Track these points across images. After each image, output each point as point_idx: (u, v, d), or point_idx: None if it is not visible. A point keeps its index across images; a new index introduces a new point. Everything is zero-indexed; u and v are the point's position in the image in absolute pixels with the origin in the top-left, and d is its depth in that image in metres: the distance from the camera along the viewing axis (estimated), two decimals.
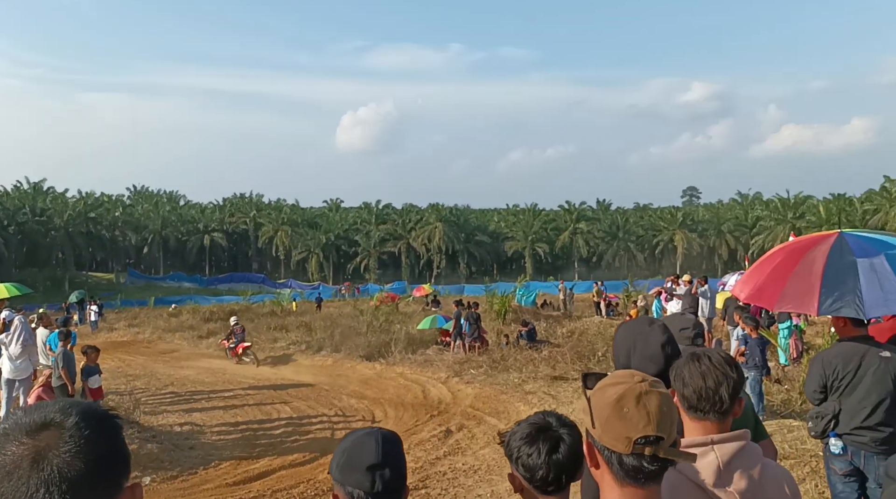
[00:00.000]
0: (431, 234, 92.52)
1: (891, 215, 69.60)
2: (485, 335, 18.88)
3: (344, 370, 18.59)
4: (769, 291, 3.94)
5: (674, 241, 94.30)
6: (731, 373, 1.91)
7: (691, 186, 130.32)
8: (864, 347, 3.88)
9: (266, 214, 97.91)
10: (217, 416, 13.46)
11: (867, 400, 3.80)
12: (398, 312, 31.99)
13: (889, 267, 3.66)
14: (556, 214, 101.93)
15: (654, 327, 2.44)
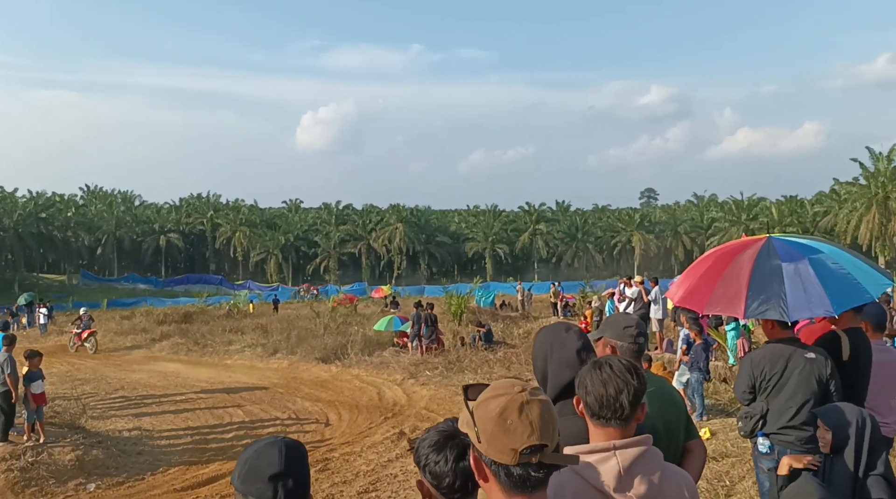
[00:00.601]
0: (392, 234, 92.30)
1: (840, 217, 71.46)
2: (441, 337, 18.91)
3: (299, 373, 18.44)
4: (699, 295, 4.03)
5: (632, 242, 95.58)
6: (631, 380, 1.95)
7: (649, 187, 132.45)
8: (791, 349, 3.99)
9: (224, 214, 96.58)
10: (167, 420, 13.24)
11: (793, 400, 3.91)
12: (357, 313, 31.91)
13: (812, 271, 3.78)
14: (516, 216, 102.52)
15: (571, 333, 2.48)
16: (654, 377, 2.88)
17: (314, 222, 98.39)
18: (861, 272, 3.85)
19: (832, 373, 3.92)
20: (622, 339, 2.83)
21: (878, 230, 65.84)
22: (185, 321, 30.39)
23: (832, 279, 3.76)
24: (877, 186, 66.24)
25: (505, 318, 28.60)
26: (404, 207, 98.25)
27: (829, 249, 4.01)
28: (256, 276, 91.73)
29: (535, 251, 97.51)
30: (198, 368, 19.94)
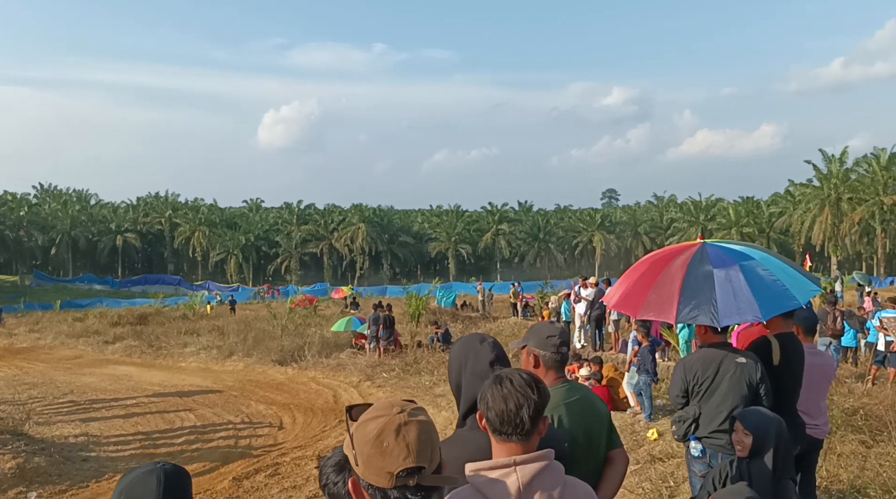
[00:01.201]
0: (354, 235, 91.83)
1: (794, 218, 73.03)
2: (399, 338, 18.85)
3: (255, 375, 18.23)
4: (634, 300, 4.06)
5: (593, 242, 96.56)
6: (532, 395, 1.94)
7: (610, 187, 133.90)
8: (722, 353, 4.04)
9: (182, 214, 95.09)
10: (116, 425, 12.96)
11: (724, 404, 3.96)
12: (316, 314, 31.63)
13: (743, 278, 3.83)
14: (478, 216, 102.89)
15: (485, 345, 2.46)
16: (576, 386, 2.88)
17: (275, 222, 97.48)
18: (790, 279, 3.92)
19: (762, 377, 3.97)
20: (545, 348, 2.82)
21: (831, 231, 67.41)
22: (140, 323, 29.82)
23: (762, 285, 3.81)
24: (829, 187, 67.79)
25: (465, 318, 28.65)
26: (367, 207, 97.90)
27: (761, 256, 4.06)
28: (216, 276, 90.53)
29: (497, 251, 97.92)
30: (151, 371, 19.58)
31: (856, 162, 68.10)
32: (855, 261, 76.19)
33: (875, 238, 67.33)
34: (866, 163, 67.06)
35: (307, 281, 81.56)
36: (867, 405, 9.87)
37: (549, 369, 2.82)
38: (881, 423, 9.23)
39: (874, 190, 64.46)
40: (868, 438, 8.75)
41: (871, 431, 8.94)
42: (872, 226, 65.98)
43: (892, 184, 64.41)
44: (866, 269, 71.44)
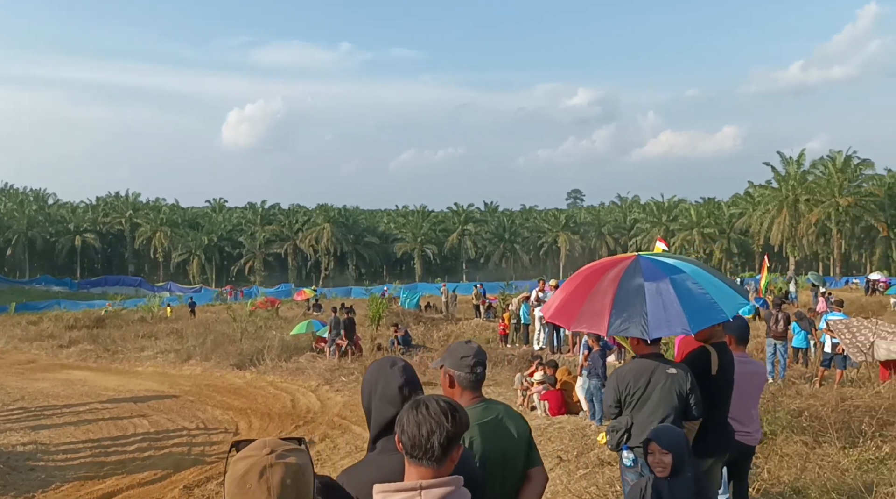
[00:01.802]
0: (319, 235, 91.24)
1: (753, 218, 74.37)
2: (359, 341, 18.79)
3: (213, 380, 18.02)
4: (569, 311, 4.12)
5: (557, 242, 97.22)
6: (445, 423, 1.96)
7: (576, 188, 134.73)
8: (654, 364, 4.11)
9: (143, 214, 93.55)
10: (67, 433, 12.71)
11: (654, 414, 4.03)
12: (278, 316, 31.41)
13: (673, 291, 3.90)
14: (444, 216, 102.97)
15: (395, 369, 2.48)
16: (493, 406, 2.91)
17: (239, 222, 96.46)
18: (719, 292, 4.00)
19: (692, 388, 4.05)
20: (460, 368, 2.85)
21: (789, 231, 68.82)
22: (97, 326, 29.30)
23: (691, 299, 3.89)
24: (787, 189, 69.20)
25: (428, 320, 28.67)
26: (332, 207, 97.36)
27: (691, 269, 4.14)
28: (178, 277, 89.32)
29: (463, 252, 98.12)
30: (106, 376, 19.26)
31: (812, 164, 69.68)
32: (812, 261, 77.94)
33: (831, 239, 68.87)
34: (822, 165, 68.59)
35: (271, 282, 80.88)
36: (812, 407, 10.09)
37: (465, 390, 2.86)
38: (825, 424, 9.46)
39: (830, 191, 65.94)
40: (811, 439, 8.97)
41: (815, 432, 9.16)
42: (829, 227, 67.50)
43: (847, 186, 65.96)
44: (823, 269, 73.11)
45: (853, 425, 9.53)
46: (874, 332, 10.85)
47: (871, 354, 10.78)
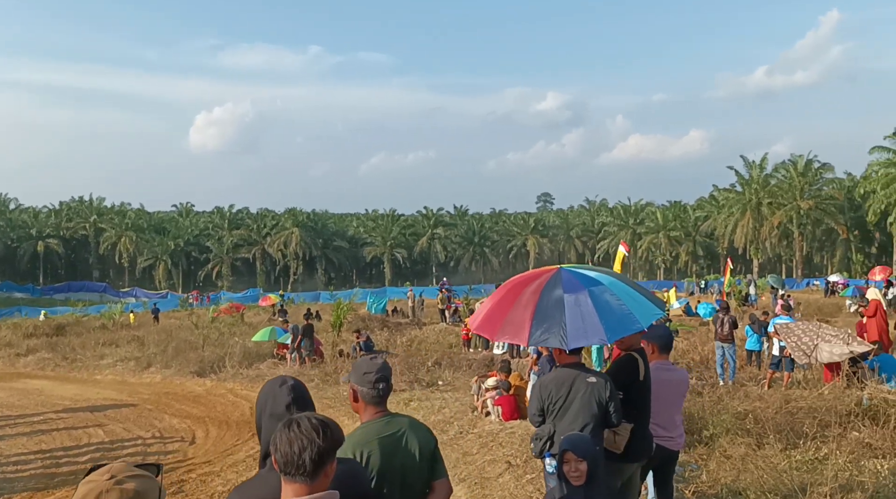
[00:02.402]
0: (288, 239, 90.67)
1: (718, 221, 75.51)
2: (320, 347, 18.78)
3: (173, 387, 17.88)
4: (492, 322, 4.23)
5: (526, 245, 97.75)
6: (317, 439, 2.03)
7: (545, 191, 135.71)
8: (575, 373, 4.23)
9: (108, 218, 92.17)
10: (19, 444, 12.54)
11: (575, 423, 4.15)
12: (243, 323, 31.20)
13: (591, 303, 4.04)
14: (414, 220, 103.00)
15: (284, 388, 2.56)
16: (397, 420, 3.01)
17: (206, 227, 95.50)
18: (635, 303, 4.14)
19: (611, 395, 4.18)
20: (363, 384, 2.94)
21: (752, 234, 70.01)
22: (58, 334, 28.83)
23: (608, 310, 4.02)
24: (751, 192, 70.39)
25: (395, 325, 28.69)
26: (301, 211, 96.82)
27: (610, 281, 4.28)
28: (144, 282, 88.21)
29: (433, 256, 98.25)
30: (64, 385, 18.99)
31: (775, 168, 70.99)
32: (776, 263, 79.37)
33: (793, 241, 70.18)
34: (784, 169, 69.90)
35: (239, 287, 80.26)
36: (757, 409, 10.35)
37: (368, 404, 2.95)
38: (768, 426, 9.70)
39: (792, 195, 67.21)
40: (755, 441, 9.20)
41: (758, 434, 9.39)
42: (791, 230, 68.75)
43: (808, 189, 67.28)
44: (786, 271, 74.49)
45: (795, 426, 9.81)
46: (818, 335, 11.14)
47: (814, 357, 11.07)
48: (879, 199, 55.85)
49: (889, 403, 10.13)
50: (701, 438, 9.44)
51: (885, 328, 12.68)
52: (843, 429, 10.01)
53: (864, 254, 71.50)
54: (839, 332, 11.43)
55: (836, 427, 10.07)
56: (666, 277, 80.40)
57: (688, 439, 9.46)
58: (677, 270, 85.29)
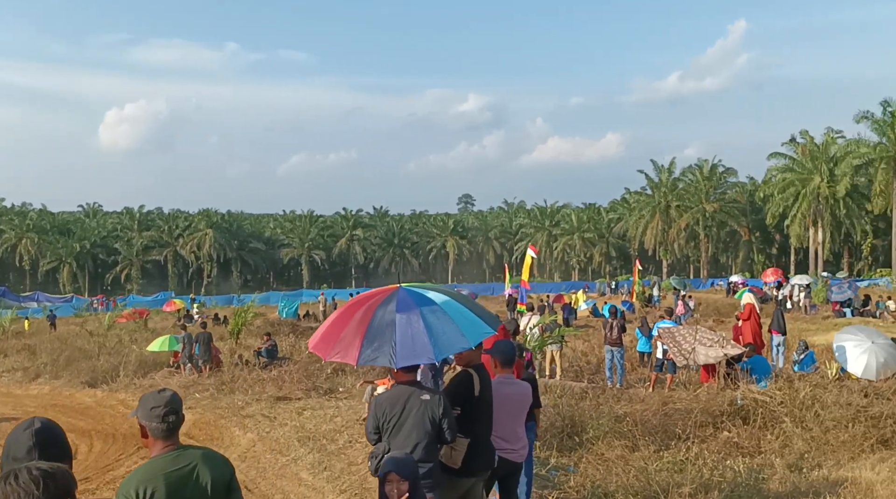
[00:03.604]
0: (201, 241, 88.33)
1: (630, 223, 77.86)
2: (218, 355, 18.36)
3: (61, 399, 17.16)
4: (327, 341, 4.24)
5: (446, 247, 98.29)
6: (36, 492, 1.95)
7: (467, 193, 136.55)
8: (410, 391, 4.29)
9: (7, 219, 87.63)
10: None
11: (408, 440, 4.20)
12: (146, 329, 30.17)
13: (422, 322, 4.10)
14: (333, 221, 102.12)
15: (27, 432, 2.46)
16: (187, 453, 2.96)
17: (114, 228, 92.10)
18: (466, 322, 4.23)
19: (445, 412, 4.24)
20: (150, 419, 2.90)
21: (661, 236, 72.52)
22: None
23: (438, 329, 4.10)
24: (660, 195, 72.91)
25: (305, 329, 28.29)
26: (215, 212, 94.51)
27: (444, 301, 4.35)
28: (48, 286, 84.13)
29: (352, 257, 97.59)
30: None
31: (682, 172, 73.72)
32: (685, 264, 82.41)
33: (700, 242, 73.04)
34: (691, 173, 72.75)
35: (150, 290, 77.65)
36: (637, 411, 10.72)
37: (157, 439, 2.91)
38: (645, 428, 10.06)
39: (698, 198, 69.97)
40: (631, 443, 9.52)
41: (635, 436, 9.72)
42: (697, 231, 71.54)
43: (712, 193, 70.19)
44: (693, 271, 77.45)
45: (671, 427, 10.21)
46: (695, 338, 11.64)
47: (692, 360, 11.56)
48: (777, 202, 58.72)
49: (758, 402, 10.68)
50: (581, 441, 9.72)
51: (758, 331, 13.34)
52: (715, 429, 10.52)
53: (766, 255, 75.16)
54: (715, 335, 11.97)
55: (710, 427, 10.57)
56: (581, 277, 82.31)
57: (568, 442, 9.77)
58: (591, 270, 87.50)
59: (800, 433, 9.67)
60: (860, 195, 55.34)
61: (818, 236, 56.60)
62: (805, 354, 13.54)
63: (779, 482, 8.06)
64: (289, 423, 12.42)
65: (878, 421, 9.43)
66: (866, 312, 25.76)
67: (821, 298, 30.15)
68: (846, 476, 8.17)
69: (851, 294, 26.83)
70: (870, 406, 9.85)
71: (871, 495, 7.50)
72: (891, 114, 48.18)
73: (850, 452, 9.08)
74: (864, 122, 48.92)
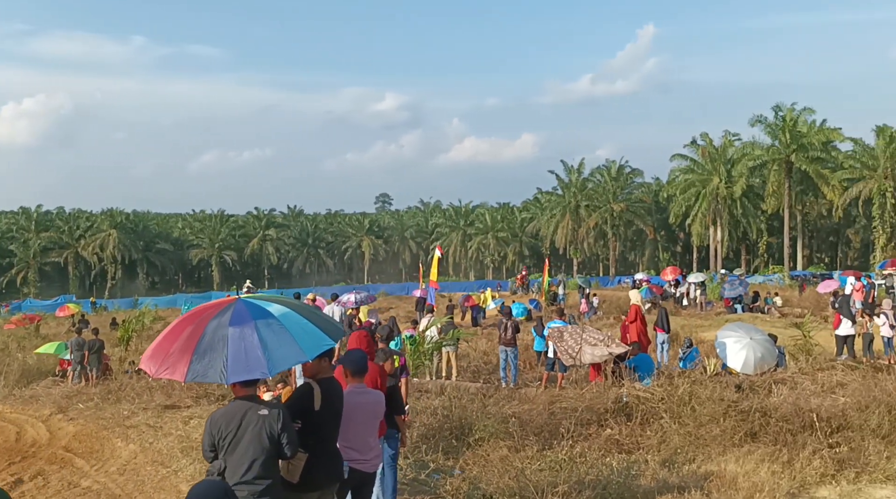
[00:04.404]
0: (104, 242, 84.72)
1: (542, 223, 79.33)
2: (108, 362, 17.63)
3: None
4: (157, 356, 4.06)
5: (361, 247, 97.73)
6: None
7: (384, 192, 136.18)
8: (247, 406, 4.18)
9: None
10: None
11: (245, 457, 4.09)
12: (38, 336, 28.73)
13: (256, 335, 3.99)
14: (245, 221, 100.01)
15: None
16: None
17: (9, 229, 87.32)
18: (305, 334, 4.14)
19: (283, 427, 4.14)
20: None
21: (572, 235, 74.21)
22: None
23: (273, 343, 3.99)
24: (570, 195, 74.58)
25: None
26: (120, 212, 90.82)
27: (283, 313, 4.24)
28: None
29: (265, 258, 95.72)
30: None
31: (591, 172, 75.67)
32: (596, 262, 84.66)
33: (608, 241, 75.14)
34: (600, 173, 74.75)
35: (50, 293, 73.87)
36: (525, 411, 10.87)
37: None
38: (531, 428, 10.21)
39: (606, 198, 71.98)
40: (516, 443, 9.63)
41: (520, 436, 9.85)
42: (605, 231, 73.57)
43: (620, 193, 72.34)
44: (603, 269, 79.68)
45: (556, 426, 10.38)
46: (582, 338, 11.91)
47: (578, 359, 11.83)
48: (679, 202, 61.02)
49: (640, 400, 11.02)
50: (468, 443, 9.77)
51: (643, 331, 13.78)
52: (599, 427, 10.77)
53: (671, 252, 78.01)
54: (601, 335, 12.30)
55: (594, 425, 10.82)
56: (495, 276, 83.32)
57: (456, 444, 9.81)
58: (506, 269, 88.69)
59: (676, 429, 10.00)
60: (755, 195, 58.12)
61: (717, 235, 59.11)
62: (689, 351, 14.07)
63: (650, 478, 8.32)
64: (174, 432, 12.00)
65: (747, 415, 9.85)
66: (755, 308, 27.04)
67: (716, 295, 31.45)
68: (713, 470, 8.52)
69: (742, 291, 28.09)
70: (740, 401, 10.28)
71: (733, 487, 7.82)
72: (782, 118, 50.80)
73: (721, 446, 9.46)
74: (758, 126, 51.45)
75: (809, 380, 12.46)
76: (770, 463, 8.47)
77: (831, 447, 9.12)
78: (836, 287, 26.01)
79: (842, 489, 8.05)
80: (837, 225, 69.34)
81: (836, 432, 9.64)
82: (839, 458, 8.73)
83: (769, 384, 11.91)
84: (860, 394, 10.77)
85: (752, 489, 7.63)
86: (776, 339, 14.19)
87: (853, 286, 25.02)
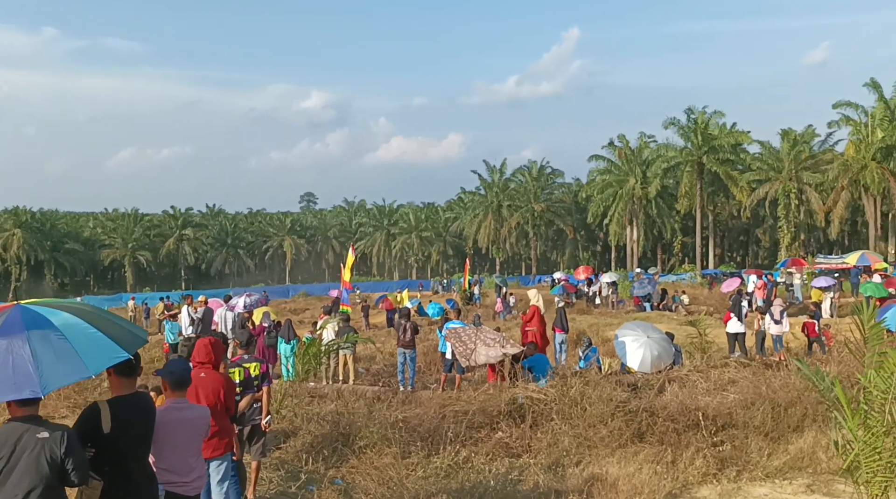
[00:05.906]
0: (8, 242, 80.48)
1: (466, 222, 79.53)
2: None
3: None
4: None
5: (283, 247, 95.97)
6: None
7: (309, 191, 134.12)
8: (24, 428, 3.65)
9: None
10: None
11: (20, 486, 3.56)
12: None
13: (28, 348, 3.49)
14: (160, 220, 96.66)
15: None
16: None
17: None
18: (92, 345, 3.65)
19: (69, 450, 3.63)
20: None
21: (494, 235, 74.62)
22: None
23: (47, 357, 3.49)
24: (492, 195, 75.02)
25: None
26: (25, 211, 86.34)
27: (65, 321, 3.73)
28: None
29: (182, 258, 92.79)
30: None
31: (513, 173, 76.31)
32: (519, 261, 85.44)
33: (530, 241, 75.91)
34: (522, 174, 75.44)
35: None
36: (415, 416, 10.52)
37: None
38: (419, 432, 9.86)
39: (527, 198, 72.69)
40: (402, 450, 9.25)
41: (407, 442, 9.48)
42: (527, 230, 74.29)
43: (541, 193, 73.18)
44: (525, 268, 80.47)
45: (445, 430, 10.06)
46: (478, 338, 11.67)
47: (473, 360, 11.57)
48: (597, 202, 62.10)
49: (534, 401, 10.83)
50: (354, 450, 9.36)
51: (542, 331, 13.67)
52: (491, 430, 10.51)
53: (590, 252, 79.37)
54: (497, 335, 12.07)
55: (486, 428, 10.55)
56: (419, 275, 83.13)
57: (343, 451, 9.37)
58: (430, 269, 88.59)
59: (566, 431, 9.83)
60: (669, 196, 59.63)
61: (634, 234, 60.41)
62: (588, 350, 14.04)
63: (533, 482, 8.10)
64: None
65: (635, 415, 9.76)
66: (663, 307, 27.54)
67: (628, 294, 31.96)
68: (597, 472, 8.36)
69: (651, 290, 28.58)
70: (629, 401, 10.20)
71: (614, 489, 7.67)
72: (694, 121, 52.26)
73: (609, 447, 9.33)
74: (671, 128, 52.72)
75: (702, 378, 12.56)
76: (654, 464, 8.37)
77: (715, 446, 9.10)
78: (739, 285, 26.69)
79: (722, 488, 8.01)
80: (747, 225, 71.96)
81: (721, 431, 9.65)
82: (722, 456, 8.70)
83: (663, 382, 11.94)
84: (748, 391, 10.86)
85: (632, 492, 7.50)
86: (673, 337, 14.32)
87: (755, 284, 25.77)
